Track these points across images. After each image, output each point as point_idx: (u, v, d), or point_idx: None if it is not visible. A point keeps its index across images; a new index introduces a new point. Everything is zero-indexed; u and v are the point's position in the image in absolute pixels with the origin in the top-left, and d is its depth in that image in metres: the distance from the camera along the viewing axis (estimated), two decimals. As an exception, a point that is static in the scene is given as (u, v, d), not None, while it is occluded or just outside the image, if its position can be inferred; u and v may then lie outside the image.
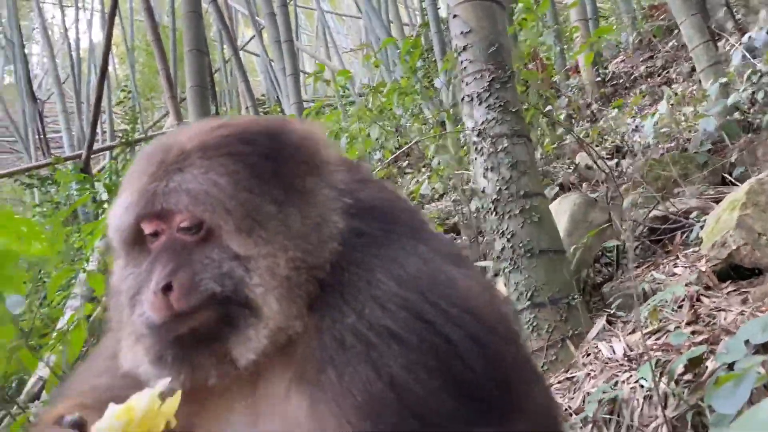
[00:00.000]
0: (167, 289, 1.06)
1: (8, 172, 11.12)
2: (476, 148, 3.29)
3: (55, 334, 2.99)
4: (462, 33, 3.31)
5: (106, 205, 7.67)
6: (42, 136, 13.64)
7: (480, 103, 3.25)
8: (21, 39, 14.41)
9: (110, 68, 12.77)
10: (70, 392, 1.28)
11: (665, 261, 3.58)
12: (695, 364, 2.23)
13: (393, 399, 1.02)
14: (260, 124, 1.23)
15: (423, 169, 7.50)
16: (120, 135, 11.78)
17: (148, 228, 1.13)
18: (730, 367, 2.01)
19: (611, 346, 2.71)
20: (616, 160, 5.07)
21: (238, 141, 1.15)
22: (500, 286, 3.25)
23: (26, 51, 15.66)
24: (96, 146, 10.58)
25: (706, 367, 2.22)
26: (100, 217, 6.55)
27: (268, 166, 1.14)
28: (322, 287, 1.12)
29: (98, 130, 11.08)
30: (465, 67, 3.32)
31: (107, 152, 11.76)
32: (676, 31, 7.74)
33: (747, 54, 5.55)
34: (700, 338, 2.41)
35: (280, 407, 1.10)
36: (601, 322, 2.98)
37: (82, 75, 15.17)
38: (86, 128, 11.38)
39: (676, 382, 2.23)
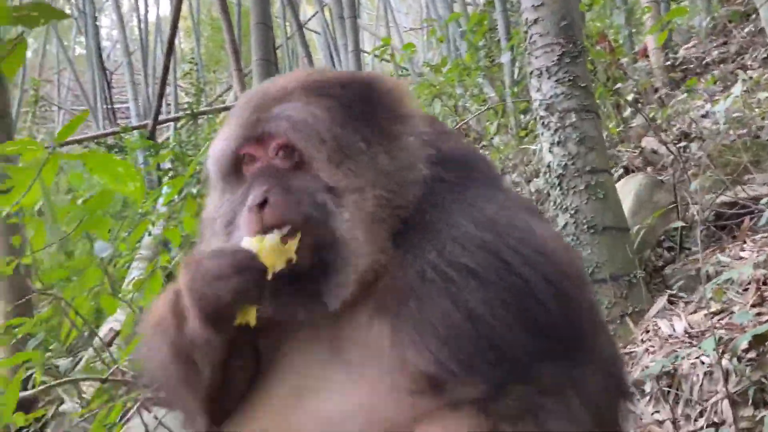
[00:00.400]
0: (263, 205, 1.12)
1: (77, 139, 11.52)
2: (543, 123, 3.29)
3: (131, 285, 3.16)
4: (533, 6, 3.31)
5: (170, 173, 7.92)
6: (110, 106, 14.17)
7: (549, 77, 3.25)
8: (93, 11, 14.94)
9: (176, 41, 13.09)
10: (150, 321, 1.38)
11: (731, 245, 3.52)
12: (760, 341, 2.21)
13: (470, 330, 1.08)
14: (354, 74, 1.36)
15: (481, 150, 7.50)
16: (185, 107, 12.11)
17: (247, 151, 1.21)
18: (797, 346, 2.01)
19: (672, 324, 2.71)
20: (684, 144, 4.96)
21: (335, 84, 1.23)
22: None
23: (97, 23, 16.21)
24: (161, 117, 10.92)
25: (773, 345, 2.21)
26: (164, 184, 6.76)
27: (360, 108, 1.21)
28: (405, 226, 1.18)
29: (164, 101, 11.42)
30: (534, 41, 3.32)
31: (172, 123, 12.10)
32: (753, 16, 7.46)
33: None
34: (765, 318, 2.39)
35: (362, 335, 1.17)
36: (662, 301, 2.97)
37: (150, 47, 15.64)
38: (153, 99, 11.78)
39: (739, 359, 2.23)
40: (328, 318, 1.21)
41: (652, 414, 2.32)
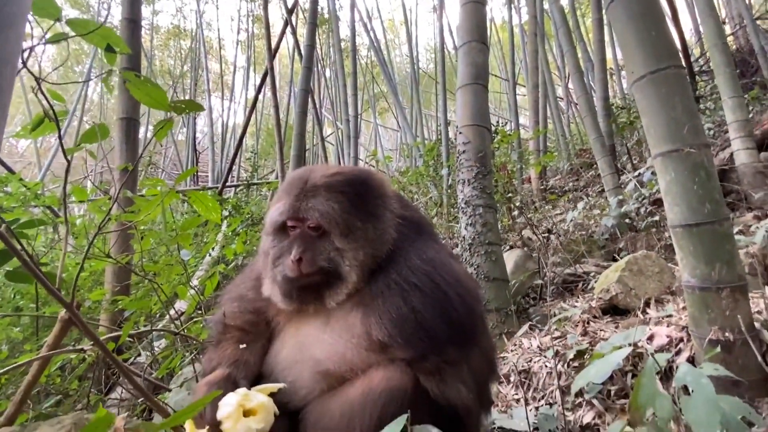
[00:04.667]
0: (299, 259, 1.22)
1: (178, 190, 11.34)
2: (463, 211, 3.42)
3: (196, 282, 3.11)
4: (463, 143, 3.50)
5: (227, 220, 7.84)
6: (195, 173, 14.08)
7: (469, 185, 3.40)
8: (194, 114, 15.08)
9: (244, 139, 13.21)
10: (227, 295, 1.42)
11: (570, 299, 3.64)
12: (580, 355, 2.30)
13: (412, 318, 1.15)
14: (356, 173, 1.35)
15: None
16: (243, 179, 12.13)
17: (291, 223, 1.28)
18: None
19: (530, 342, 2.76)
20: (547, 235, 5.16)
21: (344, 183, 1.29)
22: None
23: (195, 121, 16.32)
24: (228, 183, 10.90)
25: (587, 357, 2.28)
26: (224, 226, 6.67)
27: (359, 200, 1.28)
28: (379, 264, 1.26)
29: (230, 174, 11.42)
30: (462, 163, 3.50)
31: (233, 188, 12.07)
32: (594, 166, 7.90)
33: (637, 184, 5.69)
34: (584, 342, 2.47)
35: (344, 316, 1.23)
36: (525, 327, 3.03)
37: (226, 140, 15.78)
38: (223, 172, 11.79)
39: (568, 365, 2.30)
40: (326, 309, 1.27)
41: (513, 395, 2.34)
